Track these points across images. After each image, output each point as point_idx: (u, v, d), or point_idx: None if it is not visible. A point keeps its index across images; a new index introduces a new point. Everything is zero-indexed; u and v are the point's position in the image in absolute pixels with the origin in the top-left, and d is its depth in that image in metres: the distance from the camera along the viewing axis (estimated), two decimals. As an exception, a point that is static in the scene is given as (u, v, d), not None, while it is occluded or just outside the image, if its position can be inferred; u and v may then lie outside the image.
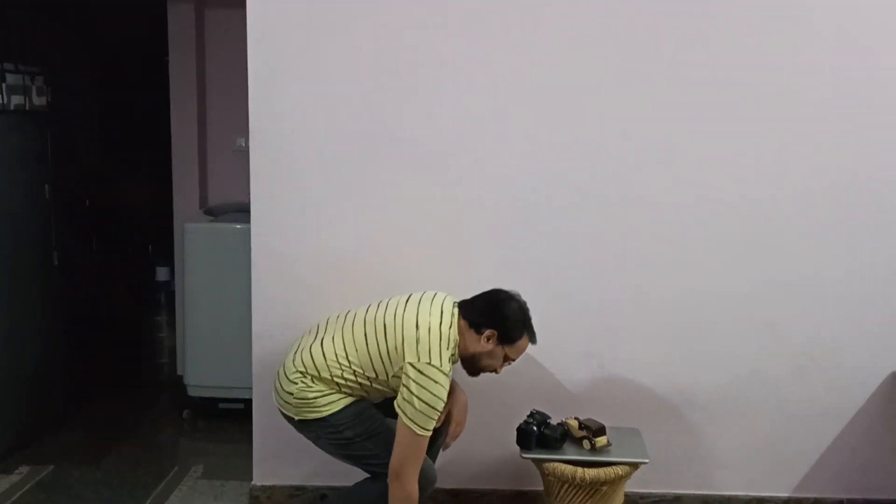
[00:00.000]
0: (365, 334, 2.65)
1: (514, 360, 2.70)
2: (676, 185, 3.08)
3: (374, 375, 2.64)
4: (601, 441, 2.82)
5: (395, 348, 2.59)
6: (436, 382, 2.53)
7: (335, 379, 2.65)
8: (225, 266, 4.12)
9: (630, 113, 3.04)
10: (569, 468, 2.74)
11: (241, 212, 3.95)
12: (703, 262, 3.11)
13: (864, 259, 3.10)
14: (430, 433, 2.55)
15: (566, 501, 2.80)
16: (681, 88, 3.02)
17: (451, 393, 2.75)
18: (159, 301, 5.03)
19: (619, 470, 2.75)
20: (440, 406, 2.53)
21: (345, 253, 3.12)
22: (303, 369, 2.68)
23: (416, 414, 2.51)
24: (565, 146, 3.06)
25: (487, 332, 2.62)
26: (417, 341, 2.56)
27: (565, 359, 3.17)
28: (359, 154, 3.07)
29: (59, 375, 4.15)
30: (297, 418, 2.70)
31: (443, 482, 3.01)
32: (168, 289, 5.01)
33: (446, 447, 2.82)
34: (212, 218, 4.34)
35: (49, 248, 4.08)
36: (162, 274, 5.09)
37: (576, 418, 2.91)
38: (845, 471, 3.22)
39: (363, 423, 2.67)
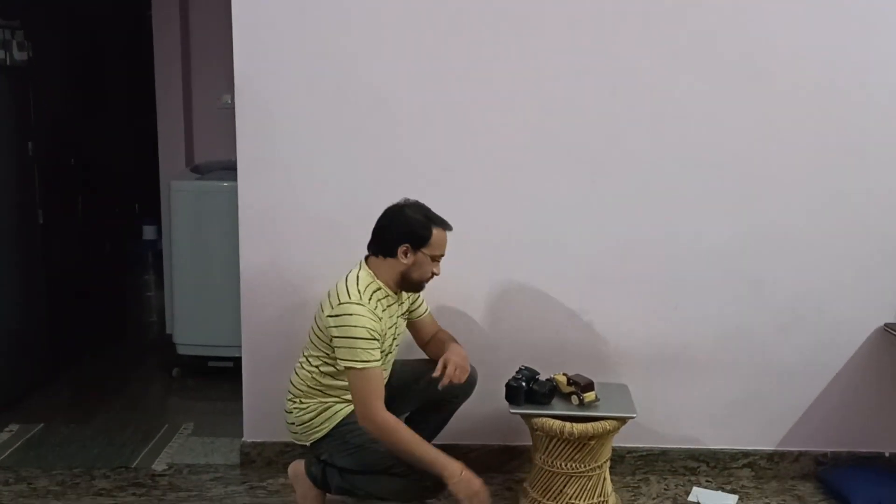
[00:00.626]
0: (308, 333, 2.75)
1: (442, 255, 2.68)
2: (662, 141, 3.06)
3: (328, 358, 2.66)
4: (589, 396, 2.84)
5: (319, 318, 2.65)
6: (351, 315, 2.54)
7: (316, 387, 2.70)
8: (212, 224, 4.11)
9: (618, 68, 3.01)
10: (557, 423, 2.77)
11: (228, 170, 3.92)
12: (689, 218, 3.11)
13: (850, 215, 3.11)
14: (375, 362, 2.55)
15: (554, 456, 2.83)
16: (668, 44, 3.00)
17: (447, 350, 2.76)
18: (147, 260, 5.01)
19: (607, 425, 2.78)
20: (366, 333, 2.54)
21: (332, 209, 3.10)
22: (290, 396, 2.76)
23: (349, 352, 2.54)
24: (551, 102, 3.04)
25: (401, 248, 2.63)
26: (328, 296, 2.64)
27: (554, 316, 3.18)
28: (345, 111, 3.04)
29: (45, 334, 4.14)
30: (308, 443, 2.75)
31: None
32: (155, 248, 4.99)
33: (443, 386, 2.72)
34: (198, 176, 4.31)
35: (33, 206, 4.04)
36: (149, 233, 5.07)
37: (564, 374, 2.93)
38: (829, 425, 3.26)
39: None
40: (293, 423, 2.75)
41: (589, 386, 2.85)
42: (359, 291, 2.60)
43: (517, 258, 3.14)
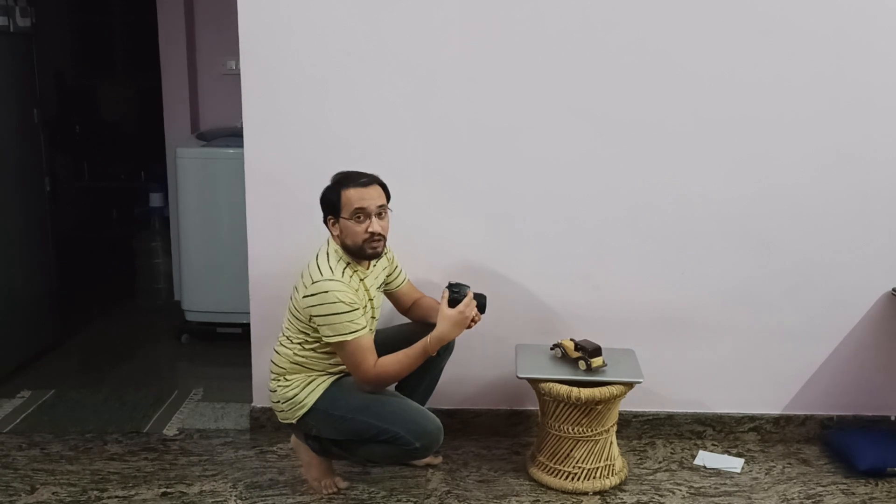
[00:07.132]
0: (286, 313, 2.78)
1: (363, 208, 2.61)
2: (670, 104, 3.04)
3: (310, 336, 2.68)
4: (597, 361, 2.85)
5: (295, 299, 2.69)
6: (326, 292, 2.57)
7: (296, 362, 2.73)
8: (219, 191, 4.11)
9: (625, 31, 2.98)
10: (564, 388, 2.78)
11: (233, 136, 3.91)
12: (697, 181, 3.09)
13: (859, 178, 3.08)
14: (362, 330, 2.59)
15: (562, 420, 2.85)
16: (675, 5, 2.96)
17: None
18: (154, 227, 5.02)
19: (614, 389, 2.79)
20: (345, 307, 2.56)
21: (339, 176, 3.09)
22: (274, 375, 2.79)
23: (333, 328, 2.57)
24: (559, 66, 3.01)
25: (329, 223, 2.69)
26: (301, 276, 2.67)
27: (560, 281, 3.18)
28: (352, 74, 3.02)
29: (54, 301, 4.17)
30: (294, 421, 2.77)
31: (439, 402, 3.07)
32: (162, 214, 4.99)
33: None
34: (204, 143, 4.30)
35: (40, 173, 4.04)
36: (156, 200, 5.06)
37: (572, 339, 2.94)
38: (835, 389, 3.27)
39: (348, 398, 2.69)
40: (278, 402, 2.78)
41: (596, 351, 2.87)
42: (330, 268, 2.63)
43: (522, 222, 3.13)
